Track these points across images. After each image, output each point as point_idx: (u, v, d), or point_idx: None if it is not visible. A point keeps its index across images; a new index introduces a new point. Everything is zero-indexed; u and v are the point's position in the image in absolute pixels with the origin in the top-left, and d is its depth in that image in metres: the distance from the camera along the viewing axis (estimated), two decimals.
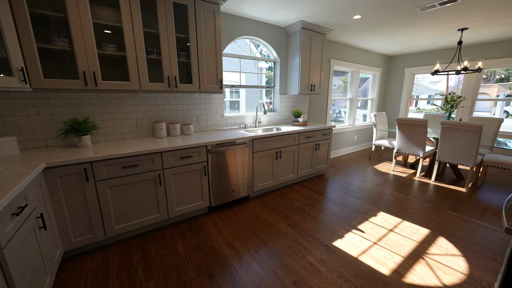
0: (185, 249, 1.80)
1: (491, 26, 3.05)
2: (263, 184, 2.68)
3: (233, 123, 2.95)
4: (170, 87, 2.07)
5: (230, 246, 1.83)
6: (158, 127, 2.24)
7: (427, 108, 7.68)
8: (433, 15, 2.67)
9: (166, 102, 2.39)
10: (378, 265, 1.63)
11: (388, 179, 3.29)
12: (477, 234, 1.98)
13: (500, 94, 9.20)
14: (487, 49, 3.91)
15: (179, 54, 2.17)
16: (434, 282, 1.47)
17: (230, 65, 3.20)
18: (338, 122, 5.06)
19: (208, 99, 2.67)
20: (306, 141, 2.99)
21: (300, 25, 2.92)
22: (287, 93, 3.38)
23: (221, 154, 2.25)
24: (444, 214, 2.32)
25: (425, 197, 2.71)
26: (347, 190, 2.93)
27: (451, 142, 2.93)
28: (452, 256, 1.71)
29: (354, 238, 1.94)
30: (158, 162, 1.87)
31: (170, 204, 2.01)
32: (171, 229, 2.06)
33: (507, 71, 7.14)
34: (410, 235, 1.97)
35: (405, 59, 5.00)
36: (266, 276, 1.53)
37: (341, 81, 4.87)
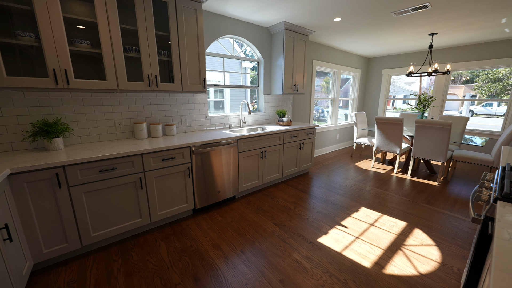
0: (169, 253, 1.74)
1: (458, 32, 3.30)
2: (249, 184, 2.68)
3: (218, 123, 2.92)
4: (150, 87, 2.00)
5: (216, 248, 1.80)
6: (138, 128, 2.15)
7: (403, 108, 8.14)
8: (406, 20, 2.83)
9: (147, 102, 2.30)
10: (361, 258, 1.69)
11: (369, 176, 3.44)
12: (448, 224, 2.13)
13: (466, 94, 9.98)
14: (454, 53, 4.23)
15: (160, 52, 2.09)
16: (411, 272, 1.56)
17: (214, 64, 3.16)
18: (321, 121, 5.19)
19: (191, 99, 2.61)
20: (291, 141, 3.03)
21: (283, 26, 2.95)
22: (271, 93, 3.40)
23: (205, 155, 2.20)
24: (419, 207, 2.47)
25: (402, 191, 2.87)
26: (330, 187, 3.01)
27: (425, 139, 3.13)
28: (426, 246, 1.83)
29: (338, 233, 2.00)
30: (138, 164, 1.79)
31: (152, 208, 1.94)
32: (154, 233, 1.99)
33: (472, 73, 7.76)
34: (389, 228, 2.07)
35: (382, 61, 5.25)
36: (253, 276, 1.52)
37: (323, 81, 5.00)
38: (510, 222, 0.73)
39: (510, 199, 0.86)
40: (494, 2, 2.29)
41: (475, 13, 2.57)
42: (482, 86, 8.52)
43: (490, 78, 8.16)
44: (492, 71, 8.00)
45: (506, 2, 2.29)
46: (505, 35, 3.48)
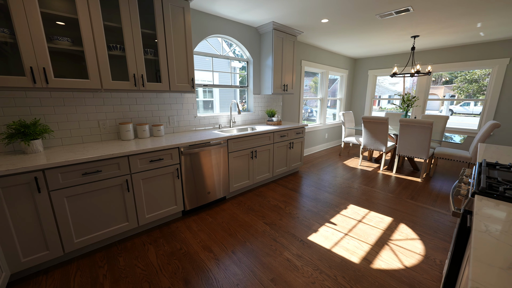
0: (158, 257, 1.70)
1: (438, 35, 3.46)
2: (239, 184, 2.67)
3: (207, 124, 2.88)
4: (136, 86, 1.94)
5: (207, 250, 1.78)
6: (124, 129, 2.08)
7: (388, 107, 8.43)
8: (391, 23, 2.93)
9: (133, 102, 2.23)
10: (349, 254, 1.73)
11: (356, 174, 3.53)
12: (431, 219, 2.23)
13: (446, 94, 10.49)
14: (435, 55, 4.43)
15: (146, 51, 2.04)
16: (397, 265, 1.62)
17: (203, 64, 3.12)
18: (310, 121, 5.26)
19: (179, 98, 2.56)
20: (281, 140, 3.05)
21: (271, 26, 2.97)
22: (261, 93, 3.41)
23: (195, 155, 2.17)
24: (404, 202, 2.57)
25: (388, 188, 2.97)
26: (320, 186, 3.06)
27: (408, 137, 3.25)
28: (411, 240, 1.90)
29: (327, 231, 2.03)
30: (125, 166, 1.73)
31: (140, 211, 1.88)
32: (142, 237, 1.93)
33: (451, 74, 8.17)
34: (376, 224, 2.14)
35: (368, 62, 5.41)
36: (244, 276, 1.52)
37: (312, 81, 5.07)
38: (487, 215, 0.77)
39: (486, 193, 0.91)
40: (470, 8, 2.42)
41: (453, 17, 2.71)
42: (460, 87, 8.99)
43: (467, 79, 8.63)
44: (469, 73, 8.46)
45: (481, 8, 2.42)
46: (481, 39, 3.69)
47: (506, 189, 0.93)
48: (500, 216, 0.76)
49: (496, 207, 0.82)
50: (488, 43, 3.85)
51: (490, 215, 0.77)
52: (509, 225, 0.71)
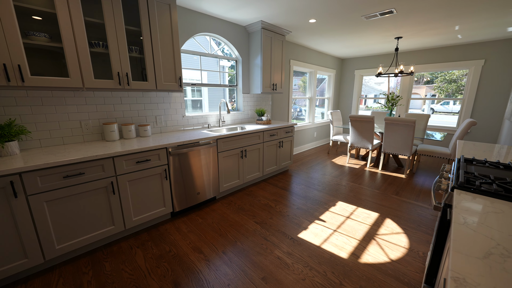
0: (147, 260, 1.66)
1: (420, 36, 3.60)
2: (230, 184, 2.65)
3: (196, 123, 2.84)
4: (121, 85, 1.87)
5: (197, 251, 1.76)
6: (109, 129, 2.01)
7: (374, 106, 8.69)
8: (375, 24, 3.02)
9: (117, 101, 2.16)
10: (338, 250, 1.77)
11: (344, 171, 3.61)
12: (414, 213, 2.32)
13: (427, 94, 10.97)
14: (417, 56, 4.61)
15: (131, 48, 1.97)
16: (383, 259, 1.67)
17: (190, 62, 3.06)
18: (300, 120, 5.32)
19: (166, 98, 2.50)
20: (270, 139, 3.06)
21: (260, 25, 2.96)
22: (250, 92, 3.40)
23: (183, 155, 2.13)
24: (389, 198, 2.66)
25: (374, 184, 3.07)
26: (309, 183, 3.11)
27: (393, 135, 3.37)
28: (396, 234, 1.97)
29: (317, 228, 2.07)
30: (109, 168, 1.67)
31: (126, 214, 1.83)
32: (129, 240, 1.88)
33: (432, 75, 8.55)
34: (363, 220, 2.20)
35: (355, 62, 5.54)
36: (235, 276, 1.51)
37: (301, 81, 5.13)
38: (465, 208, 0.81)
39: (464, 187, 0.96)
40: (449, 11, 2.54)
41: (434, 20, 2.83)
42: (440, 87, 9.44)
43: (447, 79, 9.08)
44: (448, 73, 8.90)
45: (458, 12, 2.55)
46: (458, 41, 3.88)
47: (482, 183, 0.98)
48: (477, 209, 0.81)
49: (473, 200, 0.87)
50: (465, 45, 4.06)
51: (468, 208, 0.82)
52: (485, 217, 0.76)
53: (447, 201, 1.02)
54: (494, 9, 2.48)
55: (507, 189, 0.93)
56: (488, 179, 1.03)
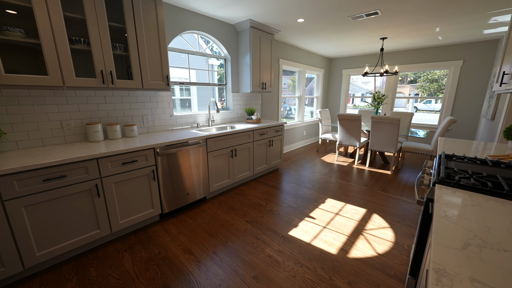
0: (135, 264, 1.61)
1: (403, 37, 3.73)
2: (220, 183, 2.63)
3: (185, 123, 2.79)
4: (105, 83, 1.80)
5: (187, 253, 1.73)
6: (92, 129, 1.93)
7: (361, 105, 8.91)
8: (362, 24, 3.09)
9: (101, 100, 2.08)
10: (328, 246, 1.80)
11: (333, 169, 3.68)
12: (400, 208, 2.41)
13: (411, 93, 11.38)
14: (401, 56, 4.77)
15: (115, 45, 1.90)
16: (371, 253, 1.72)
17: (178, 60, 3.00)
18: (289, 118, 5.37)
19: (153, 97, 2.44)
20: (260, 138, 3.07)
21: (249, 24, 2.95)
22: (240, 91, 3.38)
23: (172, 156, 2.09)
24: (376, 194, 2.75)
25: (362, 181, 3.15)
26: (299, 182, 3.14)
27: (379, 133, 3.47)
28: (383, 229, 2.04)
29: (307, 225, 2.10)
30: (94, 170, 1.61)
31: (112, 217, 1.77)
32: (116, 244, 1.82)
33: (415, 74, 8.90)
34: (352, 216, 2.25)
35: (342, 61, 5.65)
36: (226, 276, 1.51)
37: (290, 80, 5.17)
38: (446, 202, 0.85)
39: (445, 182, 1.01)
40: (430, 13, 2.64)
41: (416, 21, 2.93)
42: (423, 86, 9.84)
43: (429, 79, 9.48)
44: (430, 73, 9.30)
45: (439, 14, 2.66)
46: (439, 42, 4.05)
47: (461, 178, 1.03)
48: (457, 202, 0.85)
49: (453, 195, 0.91)
50: (445, 46, 4.25)
51: (448, 202, 0.85)
52: (463, 210, 0.80)
53: (429, 195, 1.07)
54: (472, 13, 2.61)
55: (483, 183, 0.98)
56: (466, 174, 1.09)
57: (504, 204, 0.84)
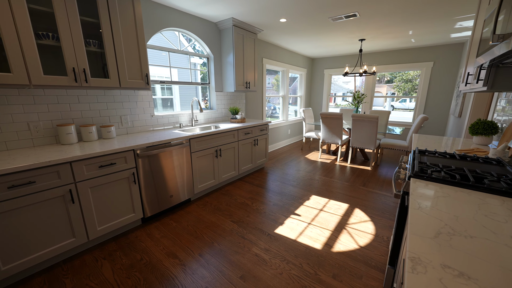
0: (115, 272, 1.53)
1: (380, 39, 3.91)
2: (205, 184, 2.59)
3: (166, 123, 2.70)
4: (77, 82, 1.69)
5: (171, 257, 1.68)
6: (64, 131, 1.80)
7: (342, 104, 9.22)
8: (341, 26, 3.19)
9: (74, 100, 1.95)
10: (313, 242, 1.85)
11: (317, 166, 3.78)
12: (379, 202, 2.53)
13: (388, 92, 11.99)
14: (378, 57, 5.00)
15: (89, 42, 1.79)
16: (353, 246, 1.79)
17: (158, 59, 2.90)
18: (274, 117, 5.42)
19: (132, 96, 2.33)
20: (245, 137, 3.06)
21: (231, 22, 2.93)
22: (223, 90, 3.35)
23: (154, 157, 2.01)
24: (358, 189, 2.86)
25: (344, 177, 3.26)
26: (285, 180, 3.18)
27: (359, 131, 3.62)
28: (364, 222, 2.13)
29: (293, 222, 2.13)
30: (67, 175, 1.50)
31: (89, 224, 1.66)
32: (94, 252, 1.72)
33: (391, 74, 9.39)
34: (335, 211, 2.32)
35: (324, 61, 5.81)
36: (213, 278, 1.48)
37: (274, 79, 5.21)
38: (419, 194, 0.90)
39: (419, 176, 1.07)
40: (403, 16, 2.79)
41: (391, 24, 3.09)
42: (398, 86, 10.42)
43: (404, 79, 10.06)
44: (405, 73, 9.87)
45: (411, 18, 2.82)
46: (412, 45, 4.30)
47: (433, 171, 1.11)
48: (429, 194, 0.90)
49: (426, 187, 0.97)
50: (418, 48, 4.52)
51: (422, 194, 0.91)
52: (435, 201, 0.85)
53: (405, 189, 1.13)
54: (441, 18, 2.80)
55: (452, 175, 1.05)
56: (437, 167, 1.16)
57: (470, 194, 0.91)
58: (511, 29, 0.89)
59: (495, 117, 2.06)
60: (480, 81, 1.44)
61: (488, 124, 1.73)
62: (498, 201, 0.85)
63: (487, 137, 1.75)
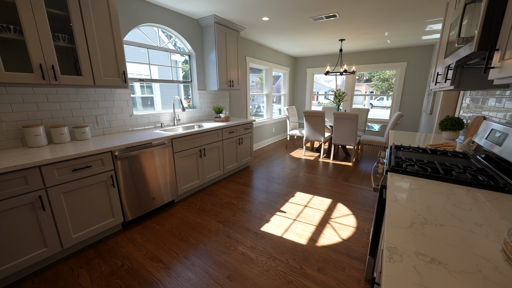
0: (93, 281, 1.45)
1: (358, 40, 4.06)
2: (189, 185, 2.53)
3: (147, 123, 2.60)
4: (45, 79, 1.56)
5: (155, 261, 1.62)
6: (31, 133, 1.66)
7: (324, 102, 9.48)
8: (322, 26, 3.26)
9: (42, 99, 1.80)
10: (298, 237, 1.88)
11: (301, 163, 3.85)
12: (360, 196, 2.64)
13: (367, 91, 12.51)
14: (358, 57, 5.20)
15: (57, 36, 1.66)
16: (337, 239, 1.85)
17: (137, 55, 2.77)
18: (258, 116, 5.43)
19: (109, 95, 2.21)
20: (230, 136, 3.03)
21: (213, 19, 2.87)
22: (206, 88, 3.29)
23: (134, 159, 1.93)
24: (340, 184, 2.96)
25: (327, 173, 3.36)
26: (270, 178, 3.21)
27: (341, 128, 3.74)
28: (346, 216, 2.21)
29: (278, 219, 2.15)
30: (36, 180, 1.39)
31: (63, 232, 1.56)
32: (69, 261, 1.61)
33: (370, 74, 9.81)
34: (319, 207, 2.39)
35: (306, 60, 5.92)
36: (199, 279, 1.46)
37: (258, 78, 5.21)
38: (396, 187, 0.95)
39: (395, 170, 1.13)
40: (380, 18, 2.92)
41: (369, 25, 3.22)
42: (376, 84, 10.93)
43: (381, 78, 10.57)
44: (382, 73, 10.37)
45: (387, 20, 2.96)
46: (388, 46, 4.53)
47: (408, 165, 1.17)
48: (405, 187, 0.96)
49: (402, 180, 1.03)
50: (393, 49, 4.77)
51: (398, 187, 0.96)
52: (410, 193, 0.90)
53: (383, 182, 1.18)
54: (413, 20, 2.97)
55: (424, 168, 1.13)
56: (411, 161, 1.24)
57: (440, 185, 0.98)
58: (474, 32, 0.96)
59: (461, 113, 2.24)
60: (448, 81, 1.55)
61: (456, 120, 1.87)
62: (464, 191, 0.92)
63: (455, 132, 1.90)
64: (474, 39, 0.94)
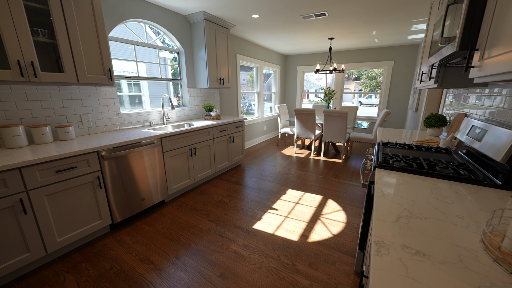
0: (81, 285, 1.41)
1: (347, 39, 4.12)
2: (180, 184, 2.49)
3: (135, 121, 2.53)
4: (24, 77, 1.48)
5: (145, 262, 1.60)
6: (10, 133, 1.58)
7: (315, 100, 9.60)
8: (312, 24, 3.29)
9: (21, 97, 1.71)
10: (290, 234, 1.90)
11: (292, 161, 3.89)
12: (350, 192, 2.70)
13: (356, 89, 12.78)
14: (347, 55, 5.28)
15: (36, 31, 1.58)
16: (327, 235, 1.89)
17: (124, 52, 2.68)
18: (249, 114, 5.42)
19: (94, 93, 2.13)
20: (221, 135, 3.01)
21: (202, 16, 2.82)
22: (196, 86, 3.24)
23: (121, 159, 1.87)
24: (330, 181, 3.02)
25: (318, 170, 3.41)
26: (261, 176, 3.22)
27: (330, 125, 3.80)
28: (336, 212, 2.25)
29: (270, 217, 2.17)
30: (16, 182, 1.32)
31: (47, 236, 1.50)
32: (55, 266, 1.55)
33: (358, 72, 10.01)
34: (310, 203, 2.42)
35: (297, 59, 5.95)
36: (191, 279, 1.45)
37: (249, 76, 5.19)
38: (383, 183, 0.98)
39: (382, 166, 1.16)
40: (368, 18, 2.98)
41: (357, 25, 3.27)
42: (365, 82, 11.17)
43: (370, 76, 10.82)
44: (370, 71, 10.61)
45: (375, 20, 3.02)
46: (376, 45, 4.63)
47: (394, 161, 1.21)
48: (392, 182, 0.99)
49: (389, 176, 1.06)
50: (381, 48, 4.88)
51: (385, 182, 0.99)
52: (397, 188, 0.93)
53: (371, 178, 1.21)
54: (399, 20, 3.05)
55: (410, 164, 1.16)
56: (398, 157, 1.27)
57: (425, 180, 1.02)
58: (456, 32, 1.00)
59: (444, 111, 2.33)
60: (432, 79, 1.60)
61: (439, 117, 1.95)
62: (447, 185, 0.96)
63: (439, 129, 1.97)
64: (456, 39, 0.98)
